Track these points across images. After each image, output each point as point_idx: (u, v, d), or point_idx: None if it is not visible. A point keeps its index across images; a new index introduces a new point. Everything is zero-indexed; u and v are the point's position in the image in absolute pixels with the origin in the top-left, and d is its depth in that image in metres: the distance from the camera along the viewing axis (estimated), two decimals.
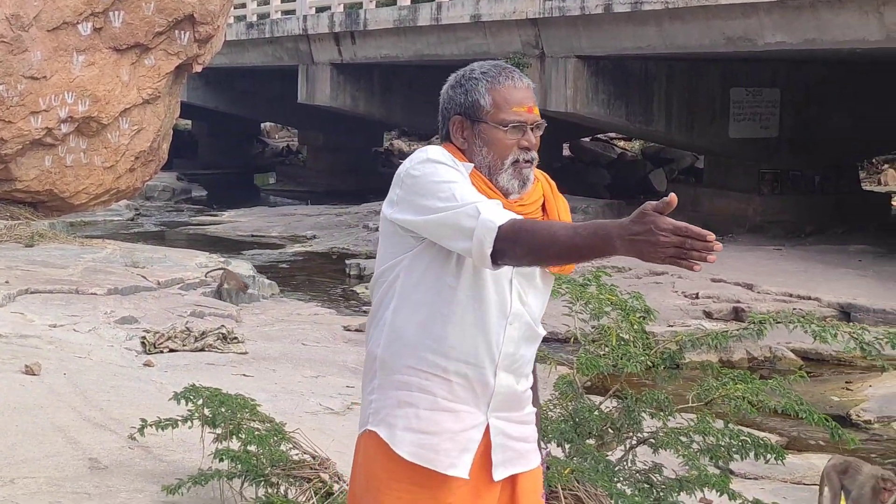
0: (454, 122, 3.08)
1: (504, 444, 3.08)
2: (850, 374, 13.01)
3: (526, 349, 3.13)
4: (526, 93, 3.08)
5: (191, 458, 6.39)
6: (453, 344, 2.99)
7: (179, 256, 16.90)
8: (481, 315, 2.98)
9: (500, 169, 3.01)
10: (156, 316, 12.15)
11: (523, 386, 3.16)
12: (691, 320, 14.10)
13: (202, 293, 14.06)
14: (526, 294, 3.08)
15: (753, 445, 5.92)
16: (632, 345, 6.04)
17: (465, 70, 3.11)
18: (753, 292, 16.18)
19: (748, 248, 20.29)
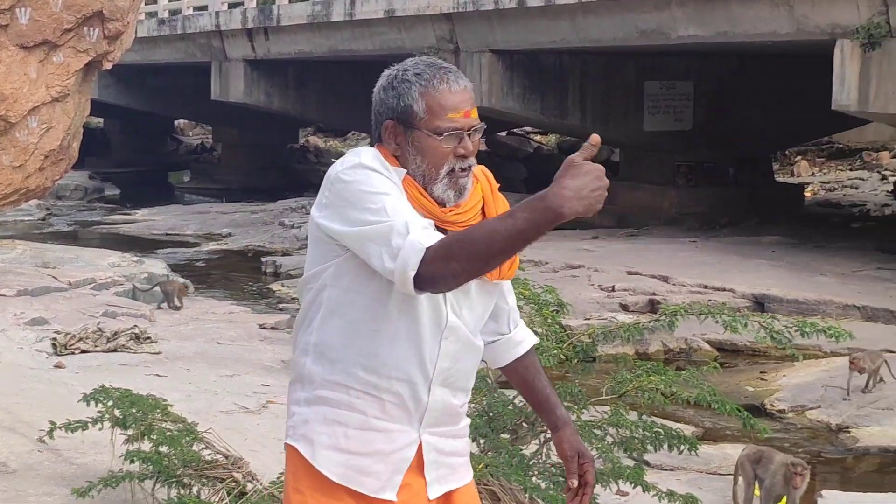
0: (386, 126, 2.82)
1: (437, 461, 2.92)
2: (764, 364, 13.15)
3: (464, 363, 2.94)
4: (463, 96, 2.85)
5: (102, 461, 6.34)
6: (385, 360, 2.81)
7: (92, 256, 16.77)
8: (414, 329, 2.80)
9: (435, 179, 2.77)
10: (67, 317, 12.04)
11: (460, 400, 2.99)
12: (607, 313, 14.17)
13: (115, 293, 13.95)
14: (460, 307, 2.87)
15: (667, 437, 5.97)
16: (545, 338, 6.05)
17: (399, 69, 2.86)
18: (669, 284, 16.29)
19: (664, 241, 20.47)
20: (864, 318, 14.64)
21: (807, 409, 11.38)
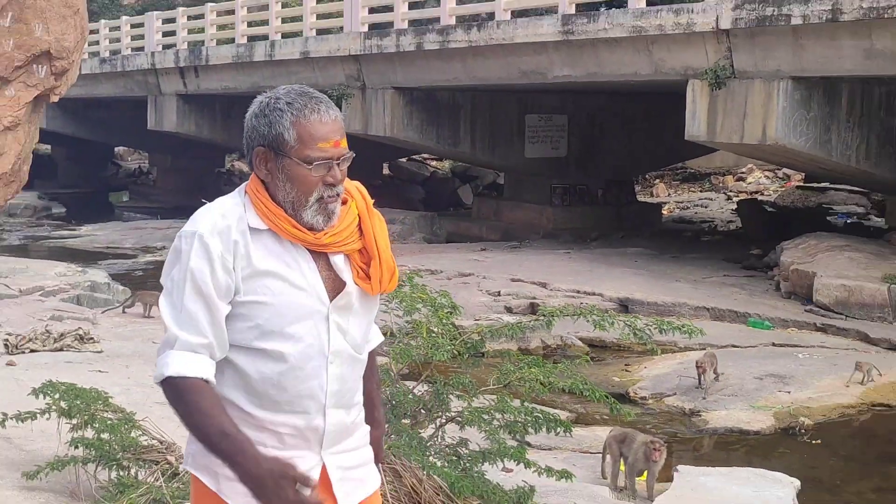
0: (257, 153, 2.64)
1: (344, 478, 2.75)
2: (628, 357, 13.23)
3: (352, 381, 2.77)
4: (332, 126, 2.63)
5: (49, 447, 6.25)
6: (276, 399, 2.62)
7: (40, 267, 16.53)
8: (302, 366, 2.63)
9: (304, 205, 2.59)
10: (18, 320, 11.84)
11: (353, 415, 2.81)
12: (494, 314, 14.20)
13: (61, 299, 13.77)
14: (347, 324, 2.70)
15: (545, 421, 6.02)
16: (440, 336, 6.07)
17: (270, 97, 2.70)
18: (547, 289, 16.36)
19: (542, 252, 20.57)
20: (712, 318, 14.83)
21: (664, 397, 11.49)
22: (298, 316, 2.60)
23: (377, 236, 2.71)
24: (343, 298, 2.66)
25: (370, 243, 2.69)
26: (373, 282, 2.68)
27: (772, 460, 9.43)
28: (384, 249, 2.71)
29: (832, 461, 9.91)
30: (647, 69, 17.93)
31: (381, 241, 2.72)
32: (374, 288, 2.70)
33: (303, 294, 2.60)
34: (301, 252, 2.62)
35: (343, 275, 2.67)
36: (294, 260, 2.61)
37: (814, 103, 16.13)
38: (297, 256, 2.61)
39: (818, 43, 15.50)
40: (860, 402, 11.45)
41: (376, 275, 2.67)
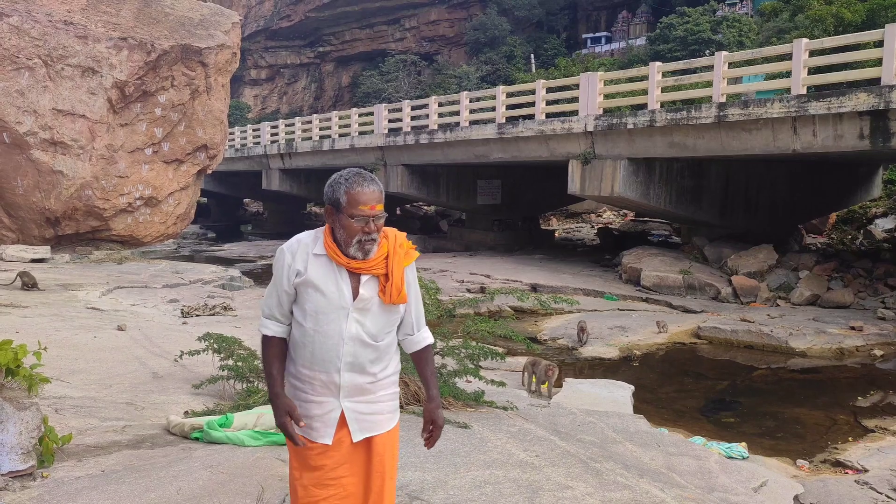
0: (327, 209, 2.59)
1: (356, 418, 2.61)
2: (537, 317, 13.32)
3: (363, 356, 2.59)
4: (371, 196, 2.53)
5: (207, 370, 6.23)
6: (310, 360, 2.57)
7: (201, 267, 16.45)
8: (323, 341, 2.54)
9: (349, 244, 2.53)
10: (189, 298, 11.80)
11: (367, 378, 2.61)
12: (460, 293, 14.25)
13: (213, 286, 13.71)
14: (364, 319, 2.57)
15: (490, 353, 6.04)
16: (430, 307, 6.08)
17: (338, 175, 2.60)
18: (490, 279, 16.44)
19: (488, 258, 20.64)
20: (584, 294, 14.91)
21: (558, 339, 11.55)
22: (328, 309, 2.54)
23: (394, 268, 2.60)
24: (360, 303, 2.56)
25: (390, 271, 2.59)
26: (386, 295, 2.58)
27: (618, 375, 9.49)
28: (397, 276, 2.60)
29: (651, 375, 9.97)
30: (546, 153, 18.01)
31: (396, 272, 2.60)
32: (386, 299, 2.59)
33: (333, 296, 2.54)
34: (342, 270, 2.56)
35: (361, 288, 2.57)
36: (336, 274, 2.55)
37: (640, 172, 16.24)
38: (338, 272, 2.56)
39: (642, 138, 15.62)
40: (667, 341, 11.53)
41: (388, 291, 2.58)
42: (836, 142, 12.61)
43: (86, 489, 3.82)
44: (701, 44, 29.04)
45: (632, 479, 4.49)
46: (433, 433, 2.73)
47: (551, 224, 31.68)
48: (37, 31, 14.43)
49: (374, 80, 42.97)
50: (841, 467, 6.44)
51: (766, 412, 8.31)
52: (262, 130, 31.26)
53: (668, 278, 15.37)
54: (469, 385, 6.56)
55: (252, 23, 50.11)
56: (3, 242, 14.82)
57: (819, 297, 14.03)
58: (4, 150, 14.49)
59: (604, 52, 38.71)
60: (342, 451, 2.62)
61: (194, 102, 16.40)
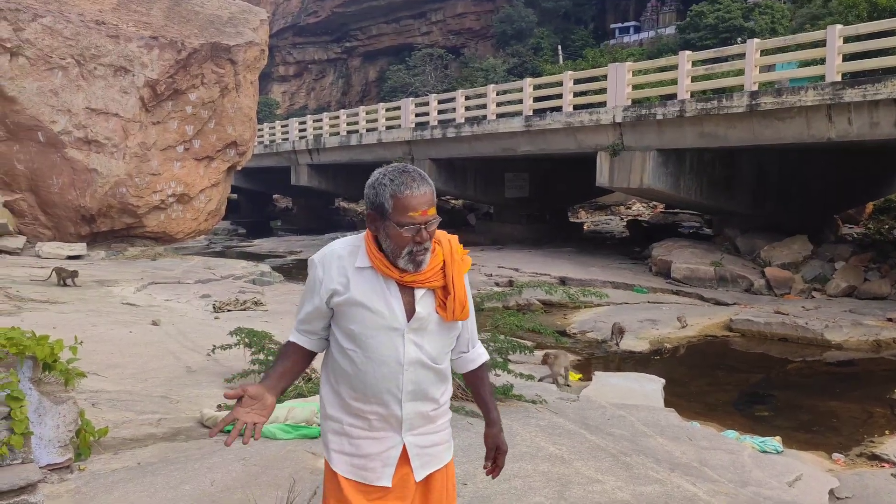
0: (369, 215, 2.18)
1: (420, 454, 2.24)
2: (566, 310, 13.27)
3: (427, 381, 2.21)
4: (422, 199, 2.10)
5: (238, 364, 6.30)
6: (364, 392, 2.17)
7: (232, 262, 16.66)
8: (377, 369, 2.15)
9: (399, 256, 2.12)
10: (220, 293, 11.94)
11: (429, 406, 2.24)
12: (488, 287, 14.24)
13: (244, 281, 13.86)
14: (422, 341, 2.17)
15: (518, 347, 6.03)
16: None
17: (381, 173, 2.17)
18: (518, 272, 16.41)
19: (516, 251, 20.58)
20: (613, 287, 14.81)
21: (587, 332, 11.49)
22: (378, 332, 2.13)
23: (454, 278, 2.20)
24: (416, 322, 2.15)
25: (449, 283, 2.19)
26: (447, 311, 2.18)
27: (648, 368, 9.41)
28: (459, 288, 2.20)
29: (682, 368, 9.88)
30: (574, 146, 17.91)
31: (457, 282, 2.20)
32: (448, 316, 2.19)
33: (384, 316, 2.13)
34: (391, 284, 2.15)
35: (417, 304, 2.16)
36: (384, 289, 2.14)
37: (670, 164, 16.07)
38: (387, 287, 2.14)
39: (671, 129, 15.44)
40: (699, 334, 11.41)
41: (450, 307, 2.18)
42: (871, 130, 12.36)
43: (122, 481, 3.89)
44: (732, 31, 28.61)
45: (663, 472, 4.46)
46: (498, 460, 2.42)
47: (580, 217, 31.51)
48: (69, 31, 14.67)
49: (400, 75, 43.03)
50: (877, 460, 6.33)
51: (801, 405, 8.19)
52: (291, 126, 31.48)
53: (699, 270, 15.20)
54: (499, 378, 6.56)
55: (280, 19, 50.44)
56: (39, 240, 15.13)
57: (855, 289, 13.78)
58: (40, 149, 14.77)
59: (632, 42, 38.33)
60: (402, 493, 2.24)
61: (224, 100, 16.57)
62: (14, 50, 14.15)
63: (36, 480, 3.33)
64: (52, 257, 14.17)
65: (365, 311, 2.13)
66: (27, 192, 15.04)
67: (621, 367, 9.58)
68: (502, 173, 23.67)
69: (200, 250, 23.62)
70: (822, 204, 18.03)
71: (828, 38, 13.03)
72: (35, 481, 3.32)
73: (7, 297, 9.35)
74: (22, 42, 14.18)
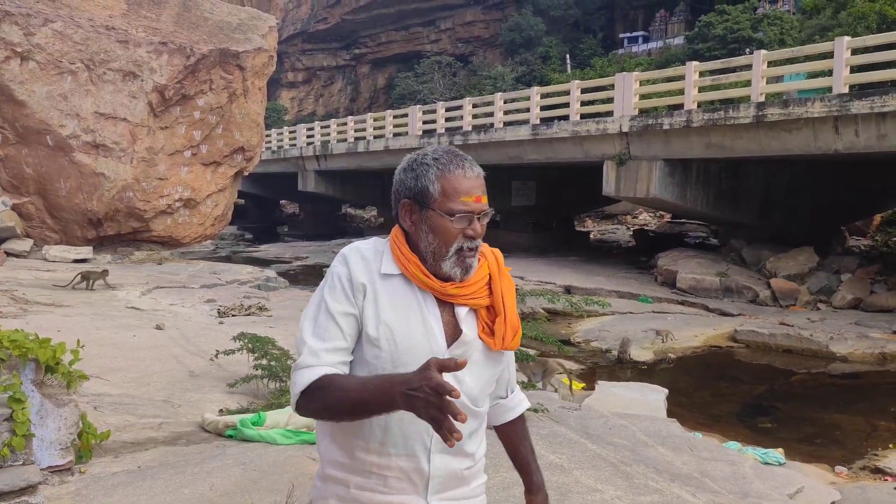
0: (403, 205, 1.69)
1: None
2: (570, 319, 13.24)
3: (464, 429, 1.64)
4: (475, 182, 1.68)
5: (242, 369, 6.32)
6: (383, 440, 1.64)
7: (238, 268, 16.70)
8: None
9: (444, 256, 1.65)
10: (225, 298, 11.98)
11: (465, 463, 1.71)
12: None
13: (249, 286, 13.90)
14: (463, 374, 1.62)
15: (523, 357, 6.04)
16: None
17: (419, 154, 1.74)
18: (524, 280, 16.35)
19: (522, 259, 20.54)
20: (618, 297, 14.78)
21: (591, 341, 11.48)
22: (412, 359, 1.59)
23: (505, 296, 1.73)
24: (459, 347, 1.65)
25: (498, 301, 1.71)
26: (496, 337, 1.70)
27: (652, 378, 9.39)
28: (510, 309, 1.74)
29: (686, 378, 9.87)
30: (580, 155, 17.92)
31: (508, 301, 1.73)
32: (496, 343, 1.70)
33: (419, 338, 1.63)
34: (428, 298, 1.66)
35: (462, 324, 1.67)
36: (419, 304, 1.65)
37: (676, 173, 16.07)
38: (422, 301, 1.66)
39: (678, 139, 15.45)
40: (703, 344, 11.39)
41: (500, 331, 1.70)
42: (879, 142, 12.33)
43: (122, 484, 3.91)
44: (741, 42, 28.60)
45: (663, 483, 4.46)
46: None
47: (586, 226, 31.48)
48: (79, 36, 14.79)
49: (409, 82, 43.14)
50: (880, 474, 6.31)
51: (805, 417, 8.16)
52: (298, 132, 31.60)
53: (704, 280, 15.18)
54: None
55: (289, 26, 50.69)
56: (46, 243, 15.22)
57: (861, 301, 13.72)
58: (48, 152, 14.87)
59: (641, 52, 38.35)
60: None
61: (232, 105, 16.66)
62: (25, 54, 14.27)
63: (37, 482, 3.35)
64: (59, 260, 14.25)
65: (394, 331, 1.63)
66: (35, 195, 15.14)
67: (625, 377, 9.57)
68: (509, 181, 23.69)
69: (206, 255, 23.68)
70: (829, 215, 17.98)
71: (835, 49, 13.03)
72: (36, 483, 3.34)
73: (13, 300, 9.41)
74: (32, 47, 14.30)
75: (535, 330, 6.41)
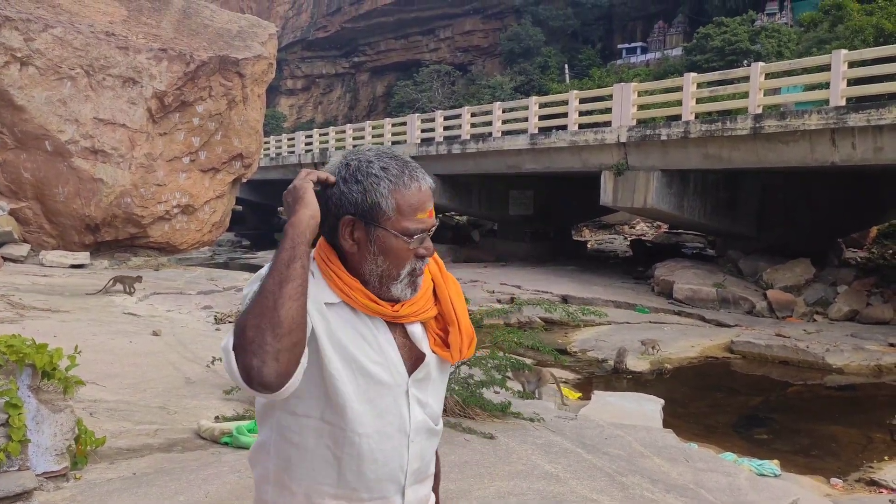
0: (345, 222, 1.47)
1: None
2: (567, 329, 13.21)
3: (429, 454, 1.56)
4: (428, 194, 1.50)
5: None
6: (354, 487, 1.45)
7: (235, 274, 16.70)
8: (381, 447, 1.45)
9: (396, 279, 1.46)
10: (222, 304, 11.95)
11: (427, 486, 1.59)
12: (490, 303, 14.19)
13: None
14: (426, 395, 1.52)
15: (518, 365, 6.05)
16: None
17: (360, 161, 1.50)
18: (521, 289, 16.37)
19: (520, 268, 20.57)
20: (615, 307, 14.77)
21: (587, 351, 11.47)
22: (377, 394, 1.45)
23: (454, 302, 1.55)
24: (422, 370, 1.51)
25: (447, 310, 1.54)
26: (452, 349, 1.53)
27: (648, 388, 9.39)
28: (462, 315, 1.56)
29: (683, 389, 9.86)
30: (578, 164, 17.95)
31: (458, 307, 1.56)
32: (453, 356, 1.54)
33: (380, 370, 1.45)
34: (378, 324, 1.47)
35: (421, 345, 1.51)
36: (371, 333, 1.46)
37: (674, 184, 16.11)
38: (373, 329, 1.47)
39: (676, 150, 15.50)
40: (699, 354, 11.40)
41: (456, 342, 1.53)
42: (875, 154, 12.39)
43: (117, 491, 3.91)
44: (739, 54, 28.73)
45: (658, 493, 4.46)
46: None
47: (584, 235, 31.50)
48: (79, 42, 14.83)
49: (407, 90, 43.24)
50: (876, 486, 6.31)
51: (801, 429, 8.17)
52: (297, 139, 31.66)
53: (701, 291, 15.20)
54: (497, 395, 6.55)
55: (289, 34, 50.83)
56: (44, 248, 15.20)
57: (858, 313, 13.75)
58: (47, 157, 14.88)
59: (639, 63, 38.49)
60: None
61: (231, 112, 16.69)
62: (24, 59, 14.30)
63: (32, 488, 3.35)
64: (56, 265, 14.23)
65: (352, 371, 1.44)
66: (33, 200, 15.14)
67: (621, 387, 9.56)
68: (507, 190, 23.70)
69: (204, 261, 23.64)
70: (826, 227, 18.03)
71: (832, 62, 13.10)
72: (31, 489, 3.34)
73: (9, 305, 9.40)
74: (32, 52, 14.33)
75: (531, 339, 6.41)
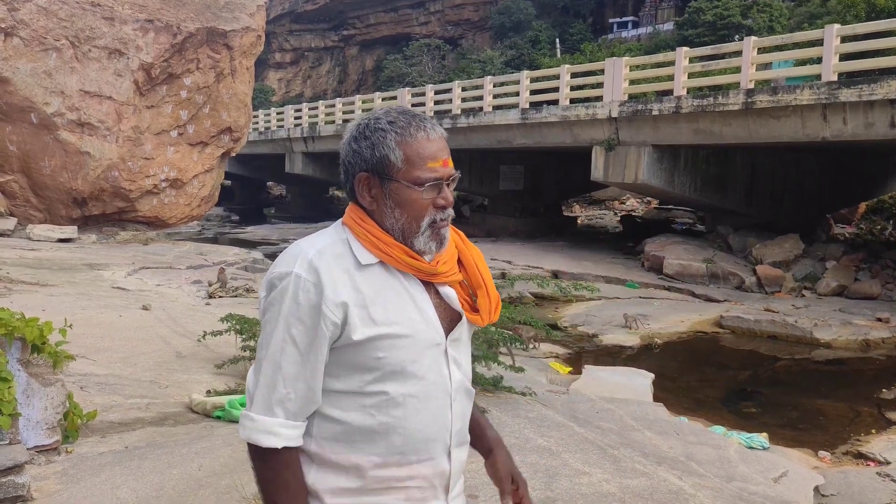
0: (360, 179, 1.46)
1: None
2: (558, 304, 13.26)
3: (468, 414, 1.54)
4: (440, 144, 1.46)
5: (229, 351, 6.30)
6: (404, 451, 1.42)
7: (224, 249, 16.62)
8: (422, 409, 1.42)
9: (417, 232, 1.43)
10: (212, 279, 11.89)
11: (466, 453, 1.54)
12: None
13: (236, 267, 13.81)
14: (459, 356, 1.50)
15: (511, 339, 6.04)
16: None
17: (369, 118, 1.49)
18: (511, 265, 16.38)
19: (510, 244, 20.58)
20: (605, 282, 14.83)
21: (578, 326, 11.51)
22: (419, 353, 1.42)
23: (480, 267, 1.55)
24: (458, 331, 1.49)
25: (474, 274, 1.53)
26: (482, 313, 1.52)
27: (638, 363, 9.45)
28: (488, 279, 1.55)
29: (672, 363, 9.92)
30: (569, 139, 17.88)
31: (484, 272, 1.55)
32: (483, 319, 1.52)
33: (420, 329, 1.42)
34: (414, 283, 1.45)
35: (456, 306, 1.49)
36: (408, 293, 1.43)
37: (665, 160, 16.08)
38: (410, 288, 1.44)
39: (667, 125, 15.45)
40: (689, 329, 11.45)
41: (485, 305, 1.52)
42: (866, 130, 12.39)
43: (109, 464, 3.89)
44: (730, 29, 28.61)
45: (650, 466, 4.49)
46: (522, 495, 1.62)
47: (574, 211, 31.49)
48: (64, 13, 14.56)
49: (397, 65, 42.87)
50: (863, 459, 6.39)
51: (789, 403, 8.24)
52: (286, 114, 31.36)
53: (691, 267, 15.25)
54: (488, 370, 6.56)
55: (277, 6, 50.18)
56: (31, 222, 15.06)
57: (846, 288, 13.85)
58: (32, 130, 14.68)
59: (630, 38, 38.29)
60: None
61: (219, 85, 16.49)
62: (8, 30, 14.04)
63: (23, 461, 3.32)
64: (43, 239, 14.10)
65: (393, 329, 1.40)
66: (19, 173, 14.96)
67: (612, 362, 9.61)
68: (497, 165, 23.61)
69: (192, 236, 23.53)
70: (814, 203, 18.10)
71: (825, 37, 13.04)
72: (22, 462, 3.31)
73: None
74: (17, 22, 14.07)
75: (522, 314, 6.40)
